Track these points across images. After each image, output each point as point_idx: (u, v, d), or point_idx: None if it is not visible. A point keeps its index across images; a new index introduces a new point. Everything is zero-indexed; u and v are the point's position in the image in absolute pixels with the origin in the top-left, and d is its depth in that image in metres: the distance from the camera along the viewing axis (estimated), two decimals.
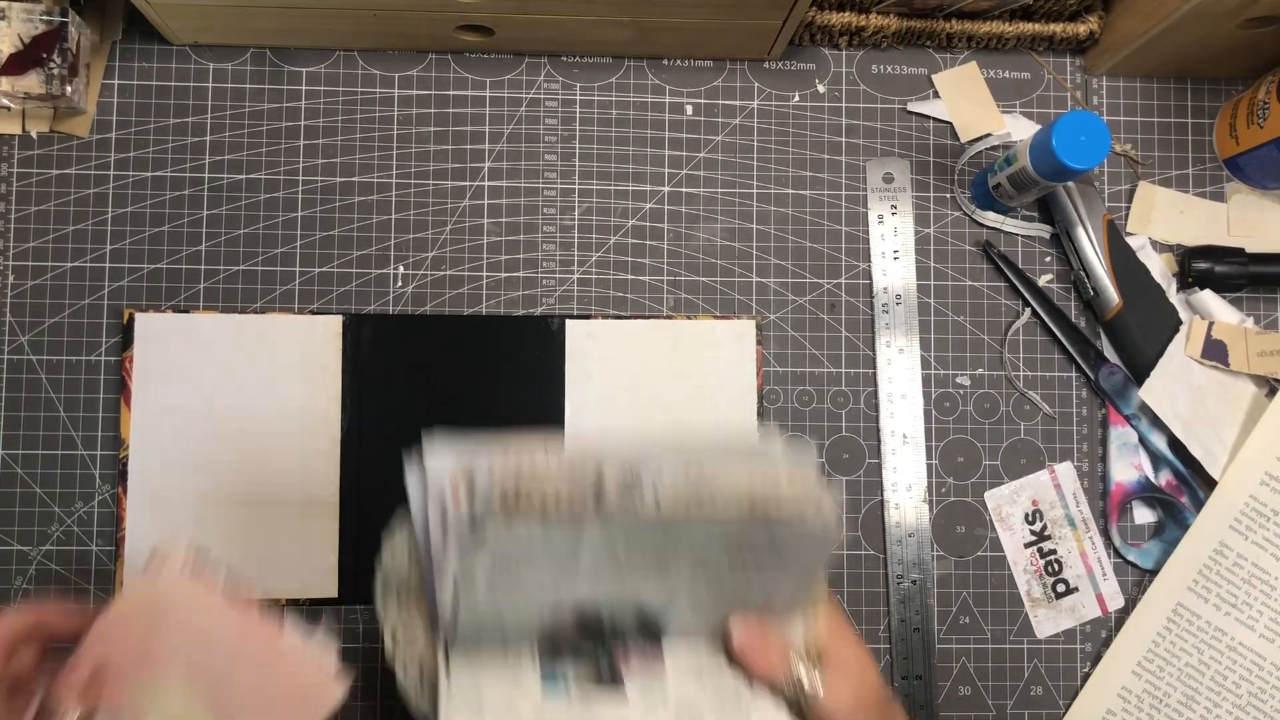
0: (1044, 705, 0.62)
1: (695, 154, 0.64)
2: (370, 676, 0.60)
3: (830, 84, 0.65)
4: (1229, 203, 0.65)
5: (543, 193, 0.63)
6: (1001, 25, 0.63)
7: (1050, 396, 0.64)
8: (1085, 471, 0.64)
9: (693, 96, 0.64)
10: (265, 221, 0.62)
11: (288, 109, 0.63)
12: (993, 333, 0.64)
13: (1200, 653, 0.61)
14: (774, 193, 0.64)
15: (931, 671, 0.62)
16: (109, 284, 0.61)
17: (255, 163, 0.62)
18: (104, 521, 0.60)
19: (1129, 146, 0.66)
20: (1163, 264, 0.64)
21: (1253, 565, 0.61)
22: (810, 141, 0.65)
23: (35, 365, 0.60)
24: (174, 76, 0.62)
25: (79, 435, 0.60)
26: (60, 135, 0.61)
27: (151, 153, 0.62)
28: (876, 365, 0.63)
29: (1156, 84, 0.66)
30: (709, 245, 0.64)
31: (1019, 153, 0.59)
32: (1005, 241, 0.65)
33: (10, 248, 0.61)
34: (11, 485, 0.60)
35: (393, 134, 0.63)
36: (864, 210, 0.64)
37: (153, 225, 0.61)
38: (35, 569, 0.59)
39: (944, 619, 0.63)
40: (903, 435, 0.63)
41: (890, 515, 0.62)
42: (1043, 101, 0.66)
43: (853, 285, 0.64)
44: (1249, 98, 0.63)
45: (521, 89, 0.64)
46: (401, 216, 0.62)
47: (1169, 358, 0.62)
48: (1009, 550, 0.63)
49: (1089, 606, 0.63)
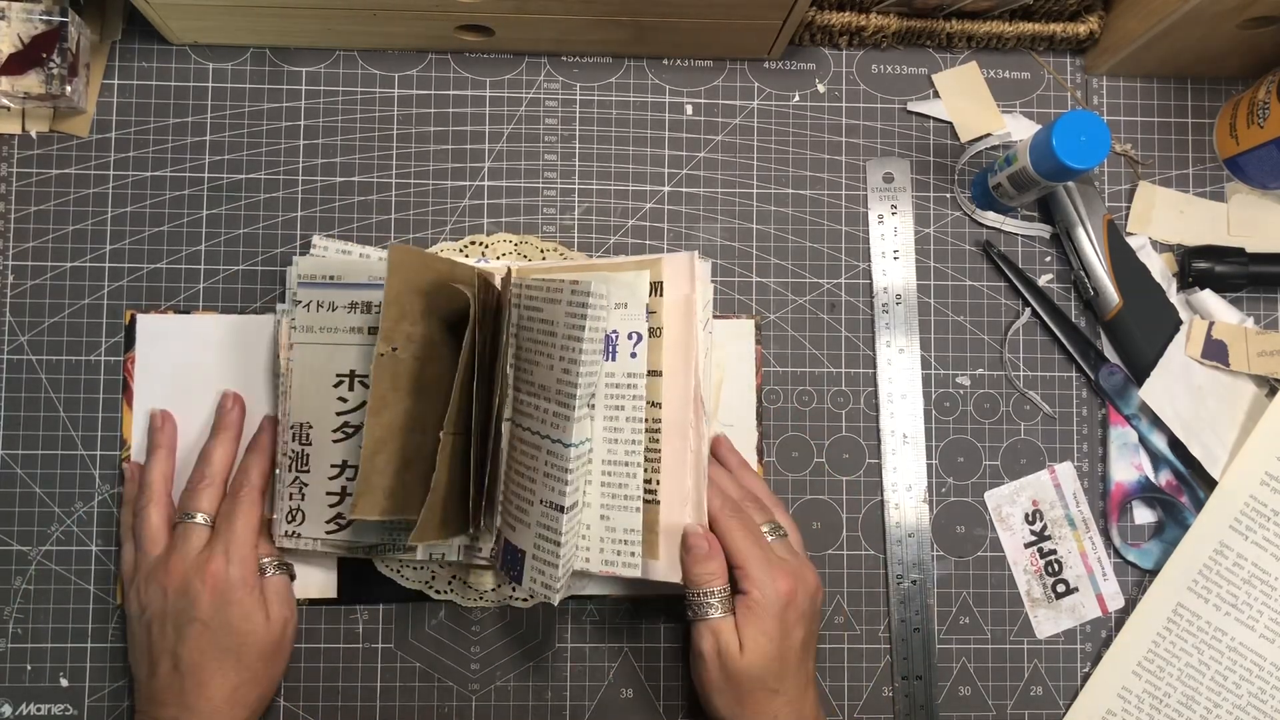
0: (1044, 705, 0.62)
1: (695, 154, 0.64)
2: (369, 676, 0.60)
3: (830, 84, 0.65)
4: (1229, 203, 0.65)
5: (543, 193, 0.63)
6: (1001, 25, 0.63)
7: (1050, 396, 0.64)
8: (1085, 471, 0.64)
9: (693, 96, 0.64)
10: (265, 221, 0.62)
11: (288, 109, 0.63)
12: (993, 333, 0.64)
13: (1200, 653, 0.61)
14: (774, 193, 0.64)
15: (931, 671, 0.62)
16: (109, 284, 0.61)
17: (255, 163, 0.62)
18: (104, 521, 0.60)
19: (1129, 146, 0.66)
20: (1163, 264, 0.64)
21: (1253, 565, 0.61)
22: (810, 141, 0.65)
23: (35, 365, 0.60)
24: (174, 76, 0.62)
25: (79, 435, 0.60)
26: (60, 135, 0.61)
27: (151, 153, 0.62)
28: (876, 365, 0.63)
29: (1156, 84, 0.66)
30: (709, 245, 0.63)
31: (1019, 153, 0.59)
32: (1005, 241, 0.64)
33: (10, 248, 0.61)
34: (11, 485, 0.60)
35: (393, 134, 0.63)
36: (864, 210, 0.64)
37: (153, 225, 0.61)
38: (35, 569, 0.59)
39: (944, 619, 0.63)
40: (903, 435, 0.63)
41: (890, 515, 0.62)
42: (1043, 101, 0.66)
43: (853, 285, 0.64)
44: (1249, 98, 0.63)
45: (521, 89, 0.64)
46: (401, 216, 0.62)
47: (1169, 358, 0.62)
48: (1009, 550, 0.63)
49: (1089, 606, 0.63)
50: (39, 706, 0.59)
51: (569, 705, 0.61)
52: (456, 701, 0.60)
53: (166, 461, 0.58)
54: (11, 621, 0.59)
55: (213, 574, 0.53)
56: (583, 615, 0.61)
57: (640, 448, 0.54)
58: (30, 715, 0.59)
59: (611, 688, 0.61)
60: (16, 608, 0.59)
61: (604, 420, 0.54)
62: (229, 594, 0.53)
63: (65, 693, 0.59)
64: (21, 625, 0.59)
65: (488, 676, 0.61)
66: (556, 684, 0.61)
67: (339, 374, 0.56)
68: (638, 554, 0.54)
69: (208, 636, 0.53)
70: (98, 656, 0.59)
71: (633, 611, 0.61)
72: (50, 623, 0.59)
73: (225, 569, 0.53)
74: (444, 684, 0.60)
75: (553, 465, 0.51)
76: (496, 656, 0.61)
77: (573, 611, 0.61)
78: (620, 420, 0.54)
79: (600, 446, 0.54)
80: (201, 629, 0.53)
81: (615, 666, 0.61)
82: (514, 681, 0.61)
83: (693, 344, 0.55)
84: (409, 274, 0.52)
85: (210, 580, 0.53)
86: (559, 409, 0.51)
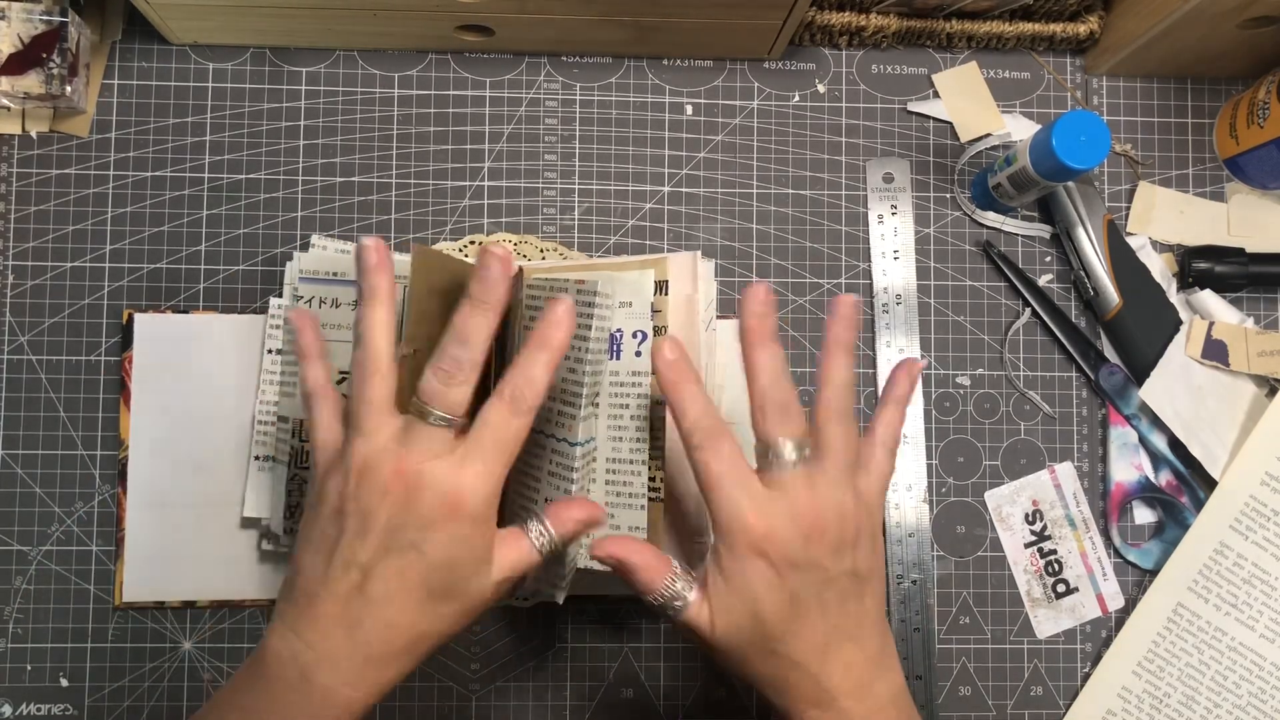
0: (1044, 705, 0.62)
1: (695, 154, 0.64)
2: None
3: (830, 84, 0.65)
4: (1229, 203, 0.65)
5: (543, 193, 0.63)
6: (1001, 25, 0.63)
7: (1050, 396, 0.64)
8: (1085, 471, 0.64)
9: (693, 96, 0.64)
10: (265, 221, 0.62)
11: (288, 109, 0.63)
12: (993, 333, 0.64)
13: (1200, 653, 0.61)
14: (774, 193, 0.64)
15: (931, 671, 0.62)
16: (109, 284, 0.61)
17: (255, 163, 0.62)
18: (104, 521, 0.60)
19: (1129, 146, 0.66)
20: (1163, 264, 0.64)
21: (1253, 565, 0.61)
22: (810, 141, 0.65)
23: (35, 365, 0.60)
24: (174, 76, 0.62)
25: (79, 435, 0.60)
26: (60, 135, 0.61)
27: (151, 153, 0.62)
28: (876, 365, 0.63)
29: (1156, 84, 0.66)
30: (709, 245, 0.63)
31: (1019, 153, 0.59)
32: (1005, 241, 0.65)
33: (10, 248, 0.61)
34: (11, 485, 0.60)
35: (393, 134, 0.63)
36: (864, 210, 0.64)
37: (153, 225, 0.61)
38: (35, 569, 0.59)
39: (944, 619, 0.63)
40: (903, 435, 0.63)
41: (890, 515, 0.62)
42: (1043, 101, 0.66)
43: (853, 285, 0.64)
44: (1249, 98, 0.63)
45: (521, 89, 0.64)
46: (401, 216, 0.62)
47: (1169, 358, 0.62)
48: (1009, 550, 0.63)
49: (1089, 606, 0.63)
50: (39, 706, 0.59)
51: (569, 705, 0.61)
52: (456, 701, 0.60)
53: (392, 315, 0.46)
54: (11, 621, 0.59)
55: (458, 496, 0.42)
56: (583, 615, 0.61)
57: (645, 446, 0.53)
58: (30, 715, 0.59)
59: (611, 688, 0.61)
60: (16, 608, 0.59)
61: (608, 418, 0.54)
62: (469, 528, 0.42)
63: (65, 693, 0.59)
64: (21, 625, 0.59)
65: (488, 676, 0.61)
66: (556, 684, 0.61)
67: (341, 371, 0.56)
68: None
69: (421, 571, 0.42)
70: (98, 656, 0.59)
71: (633, 611, 0.61)
72: (50, 623, 0.59)
73: (476, 494, 0.42)
74: (444, 684, 0.60)
75: (558, 464, 0.51)
76: (496, 656, 0.61)
77: (573, 611, 0.61)
78: (625, 419, 0.54)
79: (604, 444, 0.54)
80: (417, 559, 0.42)
81: (615, 666, 0.61)
82: (514, 681, 0.61)
83: (696, 343, 0.55)
84: (428, 275, 0.52)
85: (452, 502, 0.42)
86: (564, 408, 0.51)
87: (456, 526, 0.42)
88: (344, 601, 0.42)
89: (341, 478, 0.43)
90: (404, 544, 0.42)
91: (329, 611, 0.42)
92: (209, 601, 0.59)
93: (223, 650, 0.60)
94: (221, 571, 0.59)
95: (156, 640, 0.59)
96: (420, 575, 0.42)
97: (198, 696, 0.59)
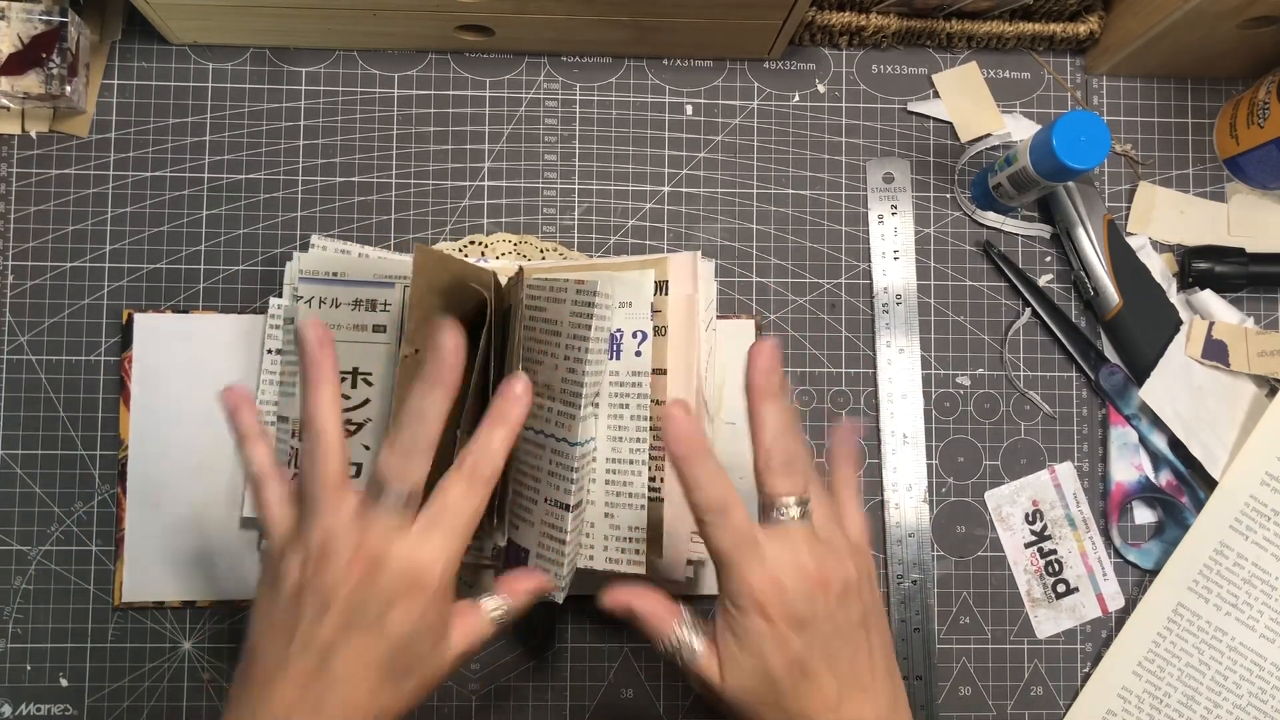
0: (1044, 705, 0.62)
1: (695, 154, 0.64)
2: None
3: (830, 84, 0.65)
4: (1229, 203, 0.65)
5: (543, 193, 0.63)
6: (1001, 25, 0.63)
7: (1050, 396, 0.64)
8: (1085, 471, 0.64)
9: (693, 96, 0.64)
10: (265, 221, 0.62)
11: (288, 109, 0.63)
12: (993, 333, 0.64)
13: (1200, 653, 0.61)
14: (774, 193, 0.64)
15: (931, 671, 0.62)
16: (109, 284, 0.61)
17: (255, 163, 0.62)
18: (104, 521, 0.60)
19: (1129, 146, 0.66)
20: (1163, 264, 0.64)
21: (1253, 565, 0.61)
22: (810, 141, 0.65)
23: (35, 365, 0.60)
24: (174, 76, 0.62)
25: (79, 435, 0.60)
26: (60, 135, 0.61)
27: (151, 153, 0.62)
28: (876, 365, 0.63)
29: (1156, 84, 0.66)
30: (709, 245, 0.63)
31: (1019, 153, 0.59)
32: (1005, 241, 0.65)
33: (10, 248, 0.61)
34: (11, 485, 0.59)
35: (393, 134, 0.63)
36: (864, 210, 0.64)
37: (152, 225, 0.61)
38: (35, 569, 0.59)
39: (944, 619, 0.63)
40: (903, 435, 0.63)
41: (890, 515, 0.62)
42: (1043, 101, 0.66)
43: (853, 285, 0.64)
44: (1249, 98, 0.63)
45: (521, 89, 0.64)
46: (401, 216, 0.62)
47: (1169, 358, 0.62)
48: (1009, 550, 0.63)
49: (1089, 606, 0.63)
50: (39, 706, 0.59)
51: (569, 705, 0.61)
52: (456, 701, 0.60)
53: (337, 395, 0.45)
54: (11, 621, 0.59)
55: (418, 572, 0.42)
56: (583, 615, 0.61)
57: (645, 446, 0.54)
58: (30, 715, 0.59)
59: (611, 688, 0.61)
60: (16, 608, 0.59)
61: (608, 418, 0.54)
62: (429, 603, 0.42)
63: (65, 693, 0.59)
64: (21, 625, 0.59)
65: (488, 676, 0.61)
66: (556, 684, 0.61)
67: (342, 371, 0.56)
68: (642, 552, 0.54)
69: (382, 650, 0.42)
70: (98, 656, 0.59)
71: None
72: (50, 623, 0.59)
73: (435, 568, 0.42)
74: (444, 684, 0.60)
75: (557, 464, 0.51)
76: (496, 656, 0.61)
77: (573, 612, 0.61)
78: (625, 418, 0.54)
79: (604, 444, 0.54)
80: (378, 641, 0.42)
81: (615, 666, 0.61)
82: (514, 681, 0.61)
83: (696, 343, 0.55)
84: (430, 275, 0.52)
85: (412, 578, 0.42)
86: (564, 408, 0.51)
87: (417, 602, 0.42)
88: (303, 685, 0.41)
89: (301, 558, 0.43)
90: (366, 622, 0.42)
91: (287, 697, 0.41)
92: (209, 601, 0.59)
93: (222, 650, 0.60)
94: (221, 571, 0.59)
95: (156, 640, 0.59)
96: (380, 654, 0.42)
97: (197, 696, 0.59)
